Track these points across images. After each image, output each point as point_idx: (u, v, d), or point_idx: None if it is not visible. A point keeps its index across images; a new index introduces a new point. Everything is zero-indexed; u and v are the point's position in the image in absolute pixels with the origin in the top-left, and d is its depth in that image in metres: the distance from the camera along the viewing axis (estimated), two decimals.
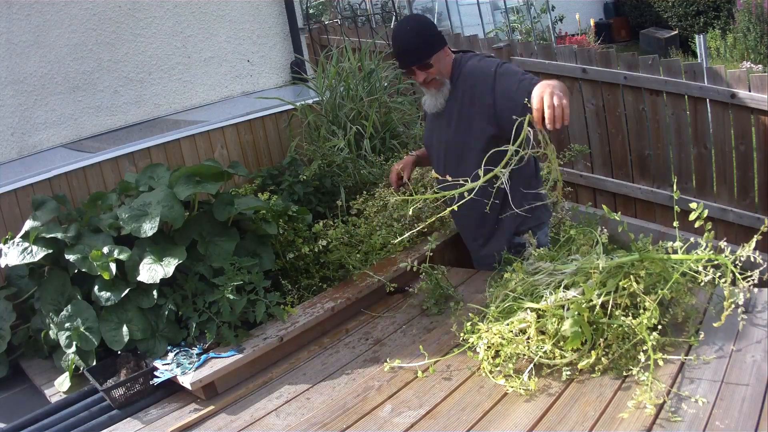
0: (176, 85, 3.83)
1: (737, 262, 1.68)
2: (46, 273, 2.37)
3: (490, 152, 1.91)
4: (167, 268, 2.13)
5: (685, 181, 3.65)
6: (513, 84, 2.15)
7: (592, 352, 1.70)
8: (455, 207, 1.85)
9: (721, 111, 3.39)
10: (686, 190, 3.65)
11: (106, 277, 2.11)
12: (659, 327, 1.72)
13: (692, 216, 1.68)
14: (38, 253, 2.22)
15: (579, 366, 1.69)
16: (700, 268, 1.70)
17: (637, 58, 3.65)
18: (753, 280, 1.65)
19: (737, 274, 1.65)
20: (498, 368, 1.76)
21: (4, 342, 2.32)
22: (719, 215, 3.51)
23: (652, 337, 1.63)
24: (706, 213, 1.68)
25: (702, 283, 1.70)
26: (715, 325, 1.66)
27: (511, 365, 1.73)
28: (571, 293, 1.73)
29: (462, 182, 1.85)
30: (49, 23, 3.37)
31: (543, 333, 1.75)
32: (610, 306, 1.72)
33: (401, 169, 2.60)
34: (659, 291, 1.72)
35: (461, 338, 1.88)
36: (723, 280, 1.66)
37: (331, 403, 1.82)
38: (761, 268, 1.65)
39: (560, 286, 1.79)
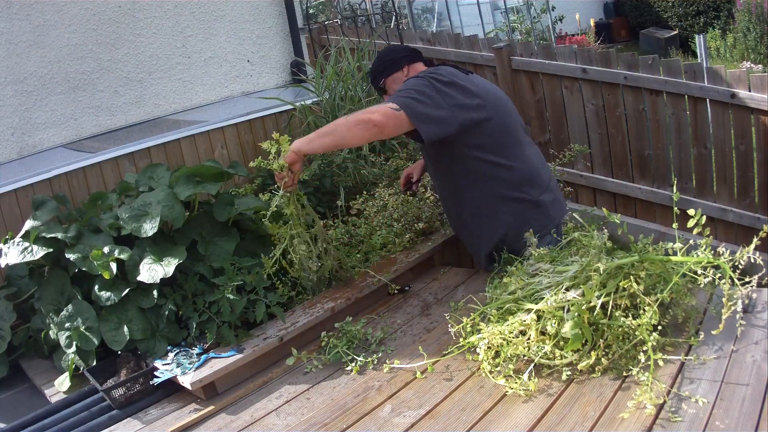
0: (176, 85, 3.83)
1: (738, 264, 1.68)
2: (46, 273, 2.37)
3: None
4: (167, 268, 2.13)
5: (685, 181, 3.65)
6: None
7: (592, 352, 1.70)
8: None
9: (721, 111, 3.38)
10: (686, 190, 3.65)
11: (106, 276, 2.11)
12: (659, 327, 1.72)
13: (690, 223, 1.68)
14: (38, 253, 2.22)
15: (579, 366, 1.69)
16: (700, 270, 1.70)
17: (637, 58, 3.65)
18: (752, 285, 1.65)
19: (735, 280, 1.65)
20: (498, 368, 1.76)
21: (4, 342, 2.32)
22: (719, 215, 3.50)
23: (652, 337, 1.63)
24: (704, 219, 1.68)
25: (702, 285, 1.70)
26: (714, 332, 1.66)
27: (511, 366, 1.73)
28: (571, 294, 1.73)
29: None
30: (49, 23, 3.37)
31: (543, 334, 1.75)
32: (610, 306, 1.72)
33: (411, 172, 2.70)
34: (659, 293, 1.72)
35: (461, 338, 1.88)
36: (723, 281, 1.66)
37: (331, 403, 1.82)
38: (760, 273, 1.65)
39: (560, 287, 1.79)
